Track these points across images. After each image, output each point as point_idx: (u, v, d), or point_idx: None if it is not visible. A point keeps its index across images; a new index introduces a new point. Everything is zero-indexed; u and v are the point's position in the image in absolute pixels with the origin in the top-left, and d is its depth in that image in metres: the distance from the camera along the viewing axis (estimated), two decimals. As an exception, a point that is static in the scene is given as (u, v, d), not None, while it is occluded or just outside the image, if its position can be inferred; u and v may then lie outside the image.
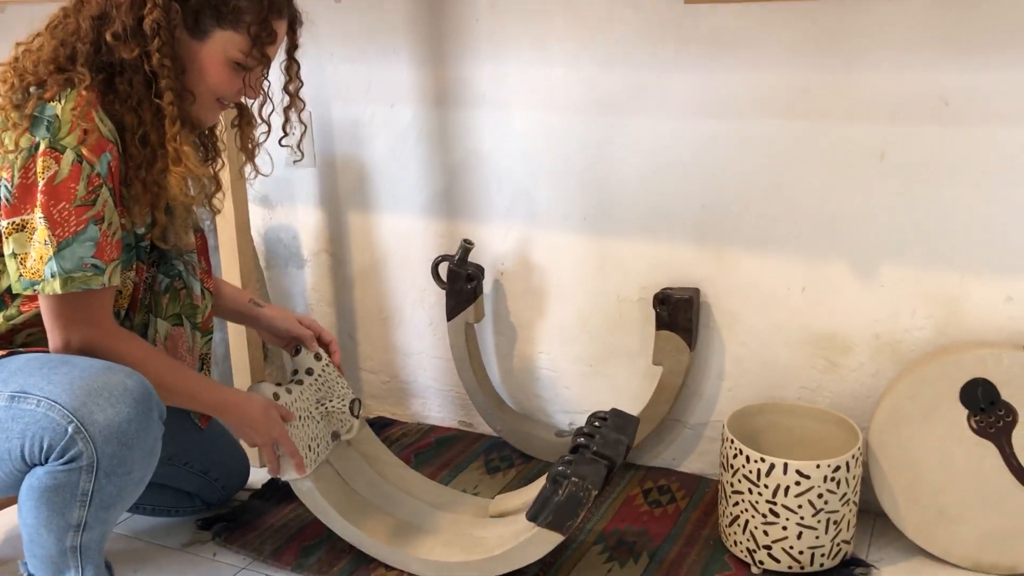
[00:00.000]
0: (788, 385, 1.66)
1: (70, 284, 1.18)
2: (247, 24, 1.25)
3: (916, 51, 1.43)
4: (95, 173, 1.18)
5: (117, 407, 1.15)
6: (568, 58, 1.68)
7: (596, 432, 1.43)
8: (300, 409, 1.49)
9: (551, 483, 1.37)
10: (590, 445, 1.40)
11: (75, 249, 1.18)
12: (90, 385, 1.15)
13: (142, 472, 1.21)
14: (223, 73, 1.27)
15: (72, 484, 1.15)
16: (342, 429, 1.57)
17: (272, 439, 1.41)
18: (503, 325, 1.90)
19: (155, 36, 1.20)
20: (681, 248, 1.68)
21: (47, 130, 1.17)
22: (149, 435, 1.19)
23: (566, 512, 1.35)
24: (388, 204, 1.94)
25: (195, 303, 1.45)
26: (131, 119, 1.22)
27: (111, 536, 1.62)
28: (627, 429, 1.46)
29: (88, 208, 1.19)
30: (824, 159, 1.53)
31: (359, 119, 1.91)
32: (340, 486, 1.55)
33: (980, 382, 1.41)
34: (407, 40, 1.81)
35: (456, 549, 1.48)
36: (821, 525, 1.42)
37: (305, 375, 1.54)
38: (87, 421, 1.13)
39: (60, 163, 1.16)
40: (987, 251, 1.46)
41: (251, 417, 1.38)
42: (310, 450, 1.49)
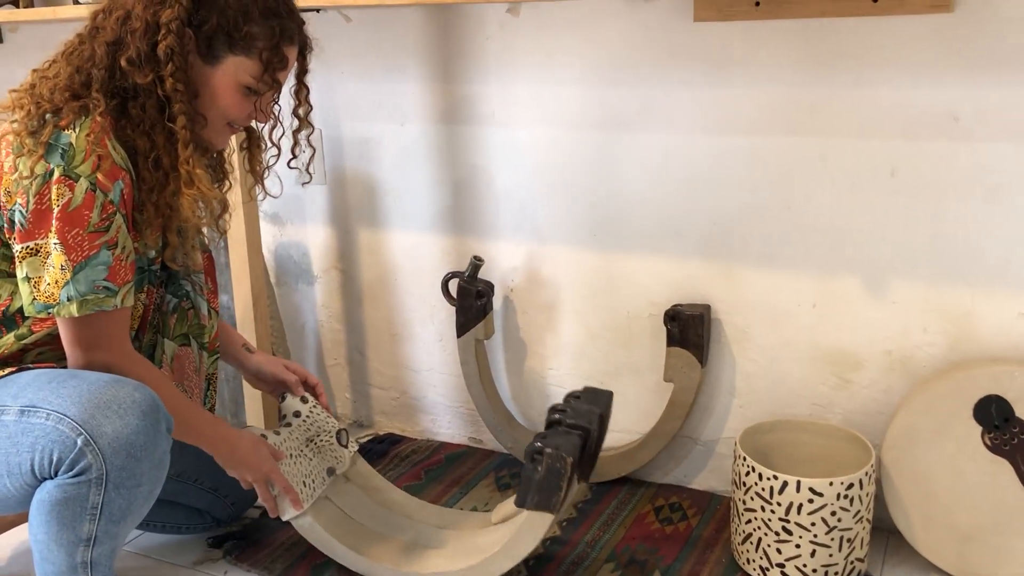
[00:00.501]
0: (799, 402, 1.66)
1: (85, 307, 1.20)
2: (259, 50, 1.26)
3: (926, 67, 1.43)
4: (108, 200, 1.20)
5: (126, 419, 1.15)
6: (577, 75, 1.68)
7: (567, 407, 1.45)
8: (290, 448, 1.51)
9: (529, 461, 1.38)
10: (563, 420, 1.42)
11: (88, 273, 1.20)
12: (99, 398, 1.16)
13: (151, 485, 1.21)
14: (234, 97, 1.28)
15: (82, 497, 1.16)
16: (336, 463, 1.58)
17: (264, 474, 1.42)
18: (513, 341, 1.90)
19: (169, 61, 1.22)
20: (691, 264, 1.68)
21: (62, 158, 1.18)
22: (158, 447, 1.20)
23: (549, 487, 1.36)
24: (397, 221, 1.95)
25: (202, 323, 1.46)
26: (144, 143, 1.24)
27: (121, 553, 1.63)
28: (599, 400, 1.48)
29: (101, 234, 1.20)
30: (834, 176, 1.53)
31: (368, 136, 1.92)
32: (341, 518, 1.56)
33: (994, 399, 1.41)
34: (416, 59, 1.82)
35: (459, 558, 1.48)
36: (835, 543, 1.41)
37: (293, 417, 1.56)
38: (96, 433, 1.14)
39: (74, 191, 1.18)
40: (999, 267, 1.46)
41: (242, 452, 1.39)
42: (305, 486, 1.50)
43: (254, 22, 1.25)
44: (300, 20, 1.34)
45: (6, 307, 1.27)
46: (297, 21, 1.32)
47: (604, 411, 1.47)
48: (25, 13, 1.88)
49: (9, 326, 1.28)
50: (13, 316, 1.28)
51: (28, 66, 1.31)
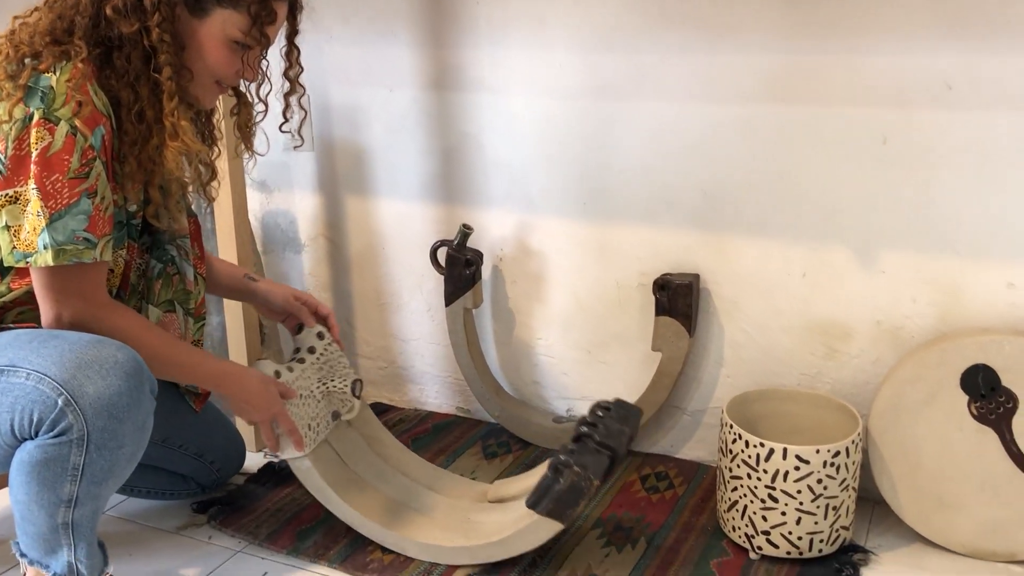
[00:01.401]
0: (788, 372, 1.66)
1: (62, 256, 1.17)
2: (247, 3, 1.24)
3: (919, 35, 1.42)
4: (89, 145, 1.18)
5: (108, 380, 1.14)
6: (569, 42, 1.67)
7: (599, 422, 1.42)
8: (301, 388, 1.48)
9: (552, 472, 1.36)
10: (593, 435, 1.39)
11: (67, 221, 1.17)
12: (80, 358, 1.14)
13: (133, 447, 1.20)
14: (222, 52, 1.26)
15: (63, 458, 1.14)
16: (343, 409, 1.56)
17: (271, 415, 1.40)
18: (501, 311, 1.89)
19: (155, 11, 1.20)
20: (682, 234, 1.67)
21: (41, 101, 1.16)
22: (140, 409, 1.18)
23: (567, 501, 1.35)
24: (386, 188, 1.93)
25: (188, 288, 1.45)
26: (127, 95, 1.22)
27: (104, 517, 1.62)
28: (630, 420, 1.45)
29: (81, 181, 1.18)
30: (826, 144, 1.52)
31: (358, 103, 1.90)
32: (339, 466, 1.54)
33: (981, 368, 1.41)
34: (407, 23, 1.80)
35: (454, 534, 1.47)
36: (820, 511, 1.41)
37: (307, 353, 1.53)
38: (77, 394, 1.12)
39: (54, 134, 1.15)
40: (989, 237, 1.46)
41: (249, 391, 1.37)
42: (310, 429, 1.47)
43: None
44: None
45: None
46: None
47: (634, 432, 1.45)
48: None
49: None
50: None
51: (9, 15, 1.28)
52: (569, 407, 1.88)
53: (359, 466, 1.57)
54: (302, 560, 1.50)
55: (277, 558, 1.51)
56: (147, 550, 1.54)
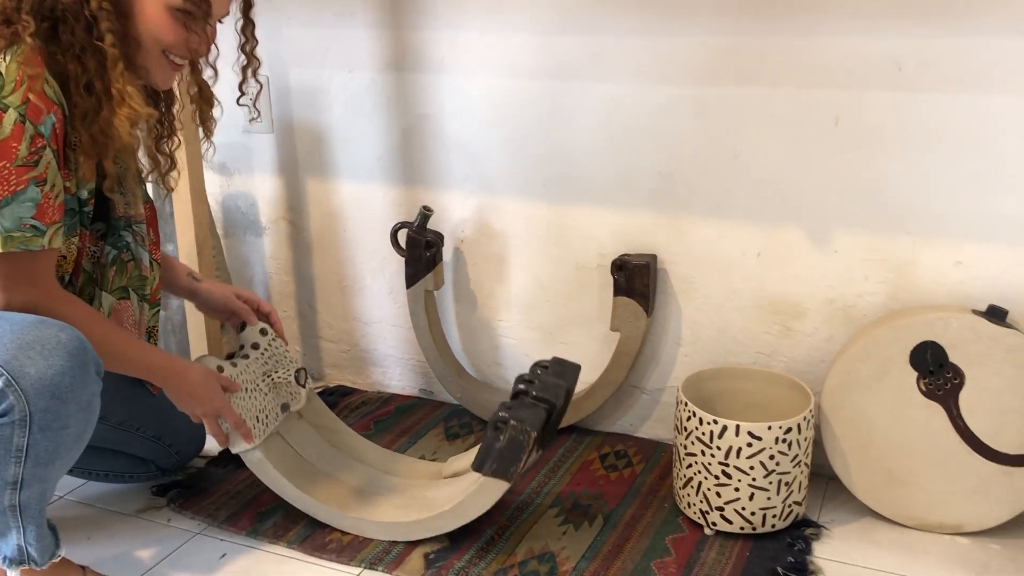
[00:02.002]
0: (744, 350, 1.68)
1: (9, 243, 1.16)
2: None
3: (870, 16, 1.43)
4: (38, 133, 1.17)
5: (50, 360, 1.13)
6: (526, 24, 1.67)
7: (536, 378, 1.44)
8: (246, 382, 1.49)
9: (492, 430, 1.38)
10: (529, 391, 1.41)
11: (14, 209, 1.16)
12: (22, 339, 1.13)
13: (79, 428, 1.19)
14: (164, 19, 1.23)
15: (5, 439, 1.13)
16: (291, 400, 1.56)
17: (214, 409, 1.40)
18: (463, 293, 1.90)
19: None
20: (639, 215, 1.68)
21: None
22: (85, 389, 1.17)
23: (509, 457, 1.36)
24: (347, 171, 1.92)
25: (143, 274, 1.44)
26: (75, 68, 1.20)
27: (63, 501, 1.61)
28: (567, 374, 1.47)
29: (30, 169, 1.17)
30: (779, 125, 1.54)
31: (317, 85, 1.89)
32: (292, 456, 1.55)
33: (929, 345, 1.43)
34: (364, 4, 1.79)
35: (409, 510, 1.48)
36: (773, 486, 1.44)
37: (251, 349, 1.54)
38: (18, 374, 1.11)
39: (2, 122, 1.14)
40: (938, 217, 1.48)
41: (191, 385, 1.37)
42: (258, 421, 1.48)
43: None
44: None
45: None
46: None
47: (571, 385, 1.47)
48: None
49: None
50: None
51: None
52: (530, 388, 1.89)
53: (313, 456, 1.57)
54: (261, 541, 1.50)
55: (236, 539, 1.51)
56: (106, 533, 1.54)
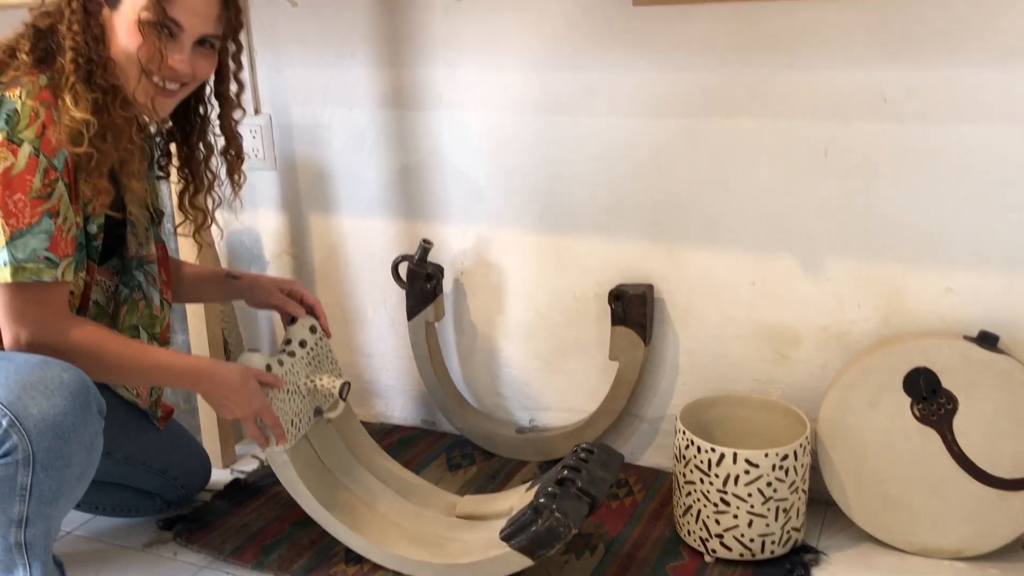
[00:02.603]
0: (741, 378, 1.70)
1: (21, 274, 1.19)
2: None
3: (855, 50, 1.47)
4: (51, 166, 1.21)
5: (52, 400, 1.16)
6: (520, 60, 1.71)
7: (582, 466, 1.42)
8: (289, 383, 1.46)
9: (533, 512, 1.36)
10: (576, 480, 1.39)
11: (28, 240, 1.19)
12: (25, 379, 1.16)
13: (82, 466, 1.21)
14: (134, 34, 1.24)
15: (10, 478, 1.16)
16: (325, 406, 1.54)
17: (254, 411, 1.38)
18: (463, 324, 1.93)
19: (67, 6, 1.24)
20: (634, 245, 1.71)
21: (6, 123, 1.19)
22: (87, 428, 1.20)
23: (542, 542, 1.35)
24: (348, 205, 1.96)
25: (154, 313, 1.47)
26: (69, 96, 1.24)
27: (70, 536, 1.63)
28: (611, 466, 1.46)
29: (43, 201, 1.20)
30: (769, 156, 1.57)
31: (318, 122, 1.93)
32: (314, 462, 1.54)
33: (922, 371, 1.45)
34: (363, 43, 1.84)
35: (420, 547, 1.49)
36: (771, 513, 1.45)
37: (298, 347, 1.52)
38: (21, 414, 1.14)
39: (17, 155, 1.18)
40: (927, 244, 1.50)
41: (229, 386, 1.35)
42: (292, 424, 1.47)
43: None
44: None
45: None
46: None
47: (614, 478, 1.45)
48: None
49: None
50: None
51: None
52: (532, 417, 1.91)
53: (333, 463, 1.57)
54: (267, 574, 1.52)
55: (242, 573, 1.53)
56: (114, 568, 1.56)
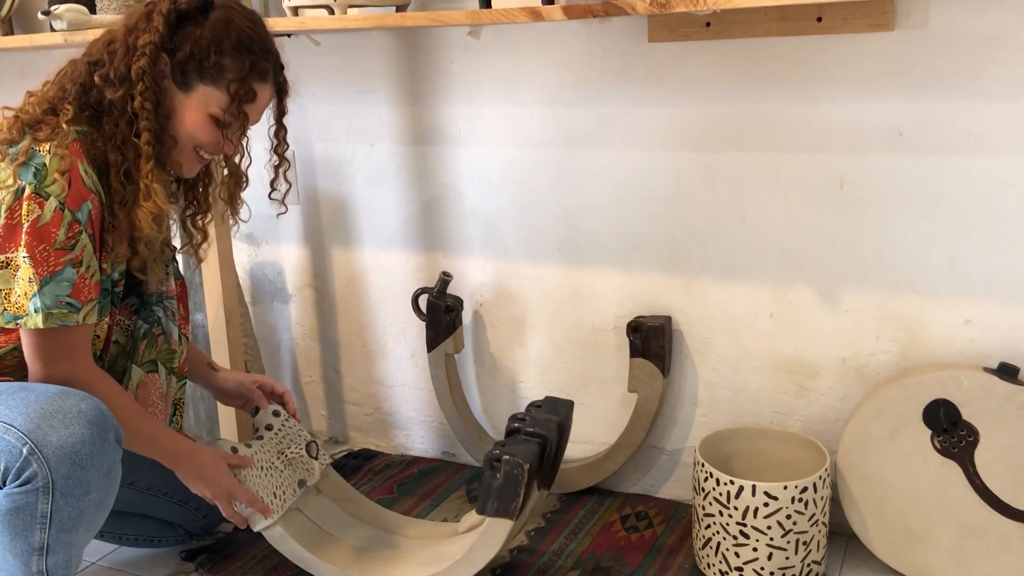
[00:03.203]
0: (760, 410, 1.70)
1: (49, 320, 1.24)
2: (228, 81, 1.32)
3: (870, 84, 1.48)
4: (75, 220, 1.26)
5: (71, 428, 1.19)
6: (538, 96, 1.74)
7: (527, 416, 1.49)
8: (261, 460, 1.54)
9: (488, 469, 1.41)
10: (522, 428, 1.46)
11: (53, 288, 1.24)
12: (45, 408, 1.19)
13: (100, 494, 1.24)
14: (203, 125, 1.34)
15: (30, 506, 1.18)
16: (307, 475, 1.60)
17: (224, 490, 1.44)
18: (483, 355, 1.94)
19: (139, 81, 1.28)
20: (653, 277, 1.73)
21: (34, 176, 1.23)
22: (105, 456, 1.22)
23: (507, 494, 1.39)
24: (369, 239, 1.99)
25: (172, 348, 1.51)
26: (115, 157, 1.30)
27: (94, 568, 1.65)
28: (559, 410, 1.51)
29: (67, 252, 1.25)
30: (786, 189, 1.58)
31: (340, 157, 1.97)
32: (312, 529, 1.58)
33: (942, 403, 1.45)
34: (385, 81, 1.88)
35: (425, 566, 1.51)
36: (791, 546, 1.45)
37: (265, 431, 1.60)
38: (41, 443, 1.17)
39: (43, 208, 1.23)
40: (944, 275, 1.51)
41: (200, 467, 1.42)
42: (276, 497, 1.52)
43: (226, 55, 1.31)
44: (276, 61, 1.39)
45: None
46: (272, 61, 1.37)
47: (563, 420, 1.51)
48: (3, 40, 1.92)
49: None
50: None
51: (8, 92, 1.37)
52: (551, 449, 1.92)
53: (333, 528, 1.61)
54: (286, 605, 1.53)
55: (262, 604, 1.54)
56: (136, 599, 1.58)
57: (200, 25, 1.31)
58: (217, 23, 1.31)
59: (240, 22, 1.32)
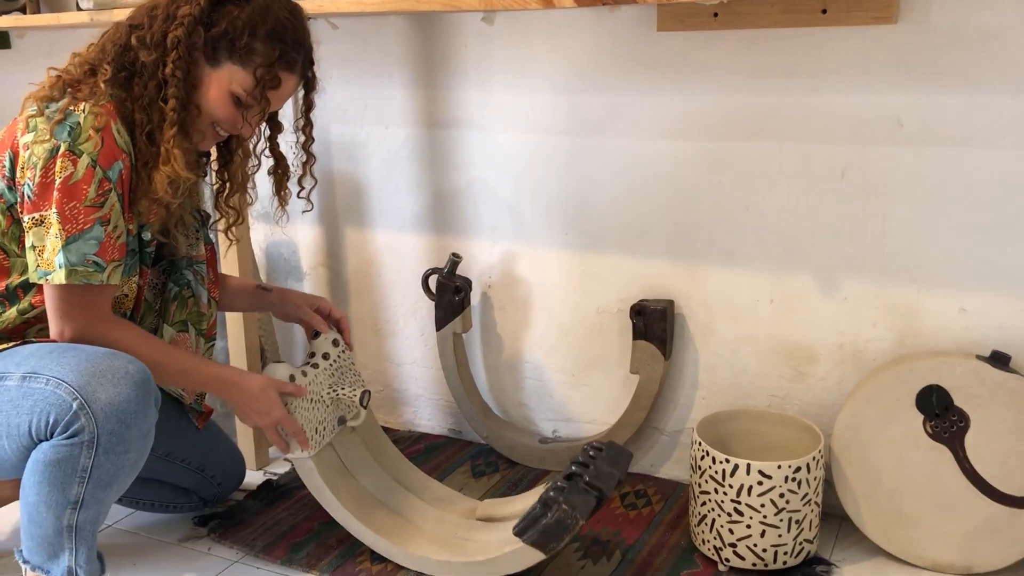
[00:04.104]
0: (759, 393, 1.74)
1: (73, 276, 1.29)
2: (255, 65, 1.36)
3: (872, 75, 1.52)
4: (105, 177, 1.30)
5: (119, 388, 1.24)
6: (549, 82, 1.78)
7: (591, 462, 1.48)
8: (312, 392, 1.54)
9: (542, 505, 1.42)
10: (583, 475, 1.45)
11: (80, 245, 1.29)
12: (95, 367, 1.25)
13: (137, 454, 1.30)
14: (224, 101, 1.38)
15: (73, 459, 1.24)
16: (348, 415, 1.62)
17: (274, 420, 1.47)
18: (490, 336, 1.99)
19: (174, 49, 1.33)
20: (656, 262, 1.77)
21: (69, 135, 1.29)
22: (146, 418, 1.29)
23: (552, 535, 1.41)
24: (382, 220, 2.04)
25: (201, 311, 1.56)
26: (141, 117, 1.35)
27: (111, 530, 1.71)
28: (620, 462, 1.51)
29: (96, 209, 1.30)
30: (788, 178, 1.62)
31: (355, 139, 2.02)
32: (339, 470, 1.62)
33: (934, 389, 1.48)
34: (401, 65, 1.92)
35: (441, 548, 1.54)
36: (783, 524, 1.49)
37: (321, 359, 1.61)
38: (91, 399, 1.23)
39: (76, 166, 1.28)
40: (942, 264, 1.54)
41: (250, 395, 1.44)
42: (316, 432, 1.54)
43: (258, 39, 1.35)
44: (307, 54, 1.43)
45: (10, 283, 1.37)
46: (302, 53, 1.41)
47: (623, 475, 1.50)
48: (31, 19, 1.98)
49: (12, 300, 1.38)
50: (15, 290, 1.37)
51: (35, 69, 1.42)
52: (554, 428, 1.96)
53: (357, 470, 1.64)
54: (295, 570, 1.58)
55: (272, 568, 1.60)
56: (151, 560, 1.63)
57: (240, 6, 1.35)
58: (257, 7, 1.35)
59: (279, 11, 1.37)
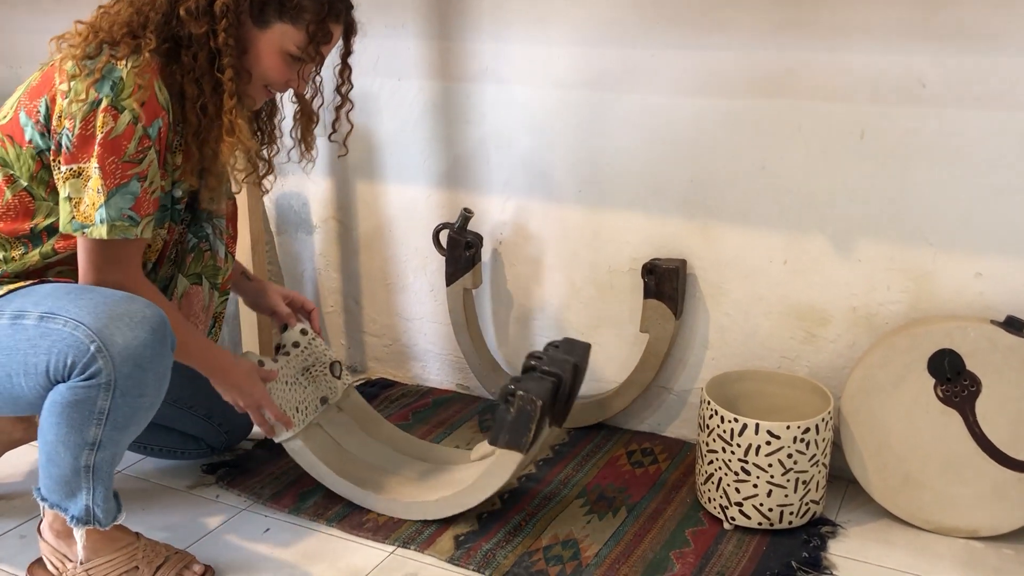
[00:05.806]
0: (769, 355, 1.73)
1: (113, 231, 1.30)
2: (306, 21, 1.36)
3: (895, 35, 1.49)
4: (146, 134, 1.30)
5: (136, 331, 1.25)
6: (566, 36, 1.75)
7: (545, 354, 1.53)
8: (286, 375, 1.61)
9: (503, 402, 1.47)
10: (538, 366, 1.50)
11: (117, 200, 1.29)
12: (113, 310, 1.25)
13: (152, 397, 1.30)
14: (277, 61, 1.37)
15: (90, 401, 1.25)
16: (329, 393, 1.67)
17: (255, 400, 1.52)
18: (500, 293, 1.98)
19: (223, 17, 1.31)
20: (670, 221, 1.75)
21: (111, 89, 1.27)
22: (162, 361, 1.29)
23: (519, 428, 1.44)
24: (394, 174, 2.02)
25: (218, 264, 1.57)
26: (192, 89, 1.33)
27: (121, 476, 1.73)
28: (575, 351, 1.55)
29: (135, 165, 1.30)
30: (806, 137, 1.60)
31: (368, 92, 1.99)
32: (331, 445, 1.65)
33: (947, 353, 1.48)
34: (414, 15, 1.89)
35: (435, 490, 1.57)
36: (790, 484, 1.49)
37: (292, 348, 1.66)
38: (108, 341, 1.23)
39: (117, 121, 1.27)
40: (958, 229, 1.52)
41: (236, 379, 1.49)
42: (298, 411, 1.60)
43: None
44: (349, 2, 1.43)
45: (35, 225, 1.37)
46: (346, 3, 1.41)
47: (579, 361, 1.54)
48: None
49: (35, 243, 1.38)
50: (40, 233, 1.37)
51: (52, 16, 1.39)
52: (562, 386, 1.97)
53: (352, 445, 1.68)
54: (302, 519, 1.60)
55: (279, 516, 1.61)
56: (160, 505, 1.65)
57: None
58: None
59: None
